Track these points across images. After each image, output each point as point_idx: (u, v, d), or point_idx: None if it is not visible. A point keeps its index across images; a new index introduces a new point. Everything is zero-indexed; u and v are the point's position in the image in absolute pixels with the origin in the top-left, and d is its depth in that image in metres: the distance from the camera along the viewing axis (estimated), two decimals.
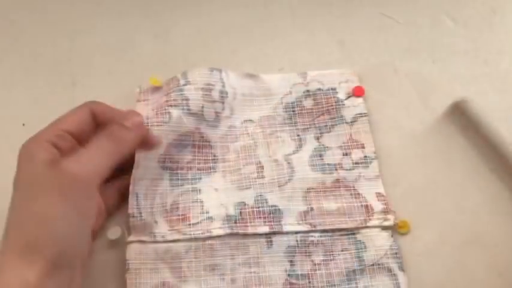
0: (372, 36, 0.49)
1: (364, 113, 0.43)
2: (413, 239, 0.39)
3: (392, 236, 0.38)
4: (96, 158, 0.33)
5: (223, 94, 0.42)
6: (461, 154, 0.43)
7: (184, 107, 0.40)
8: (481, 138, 0.42)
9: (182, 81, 0.41)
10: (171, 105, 0.40)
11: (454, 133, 0.44)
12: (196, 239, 0.37)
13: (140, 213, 0.38)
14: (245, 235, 0.38)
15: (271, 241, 0.38)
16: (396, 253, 0.38)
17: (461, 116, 0.43)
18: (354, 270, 0.37)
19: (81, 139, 0.35)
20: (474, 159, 0.42)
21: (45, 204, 0.31)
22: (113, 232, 0.38)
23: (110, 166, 0.34)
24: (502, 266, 0.38)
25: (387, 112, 0.45)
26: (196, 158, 0.41)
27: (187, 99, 0.40)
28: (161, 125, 0.39)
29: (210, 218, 0.38)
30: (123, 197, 0.39)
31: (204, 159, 0.41)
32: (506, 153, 0.40)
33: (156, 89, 0.42)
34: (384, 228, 0.39)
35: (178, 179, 0.40)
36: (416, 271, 0.38)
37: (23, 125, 0.43)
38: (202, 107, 0.41)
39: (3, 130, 0.43)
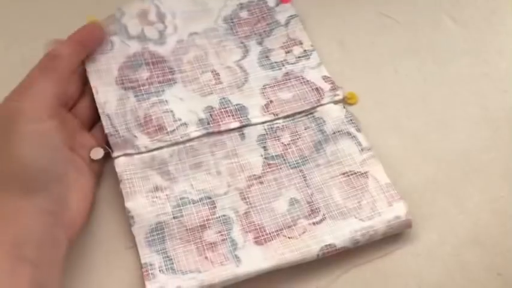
0: (372, 36, 0.49)
1: (295, 15, 0.48)
2: (413, 239, 0.39)
3: (344, 107, 0.44)
4: (32, 88, 0.36)
5: (160, 16, 0.46)
6: (461, 153, 0.43)
7: (124, 34, 0.44)
8: None
9: (118, 14, 0.45)
10: (110, 35, 0.44)
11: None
12: (177, 143, 0.41)
13: (117, 130, 0.41)
14: (219, 132, 0.42)
15: (243, 134, 0.42)
16: (351, 119, 0.43)
17: None
18: (319, 141, 0.42)
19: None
20: (474, 158, 0.43)
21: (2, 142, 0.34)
22: (95, 153, 0.40)
23: (52, 88, 0.37)
24: (501, 265, 0.38)
25: (387, 112, 0.45)
26: (154, 73, 0.44)
27: (125, 26, 0.45)
28: (106, 53, 0.43)
29: (184, 124, 0.42)
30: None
31: (162, 73, 0.44)
32: None
33: None
34: (336, 102, 0.44)
35: (142, 94, 0.43)
36: (416, 271, 0.38)
37: None
38: (142, 29, 0.45)
39: None
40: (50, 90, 0.37)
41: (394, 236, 0.39)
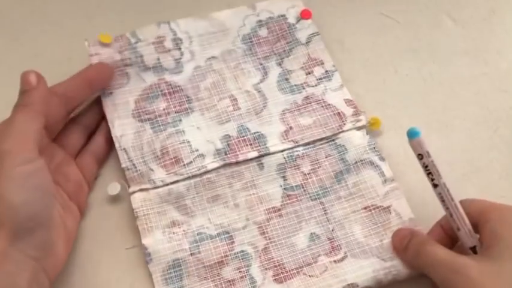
0: (372, 36, 0.49)
1: (316, 32, 0.46)
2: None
3: (367, 133, 0.42)
4: (15, 128, 0.34)
5: (177, 41, 0.45)
6: (461, 153, 0.43)
7: (140, 64, 0.43)
8: None
9: (133, 40, 0.44)
10: (126, 65, 0.43)
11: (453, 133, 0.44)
12: (194, 176, 0.40)
13: (134, 165, 0.40)
14: (237, 163, 0.40)
15: (261, 163, 0.41)
16: (374, 147, 0.41)
17: None
18: (341, 171, 0.41)
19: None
20: (474, 158, 0.43)
21: None
22: (112, 188, 0.39)
23: (33, 126, 0.34)
24: None
25: (387, 112, 0.45)
26: (171, 103, 0.43)
27: (141, 56, 0.44)
28: (122, 87, 0.42)
29: (201, 155, 0.40)
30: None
31: (179, 102, 0.43)
32: None
33: (106, 44, 0.44)
34: (358, 128, 0.42)
35: (159, 125, 0.41)
36: None
37: None
38: (158, 58, 0.44)
39: None
40: (32, 126, 0.34)
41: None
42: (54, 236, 0.34)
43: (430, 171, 0.35)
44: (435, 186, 0.35)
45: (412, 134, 0.35)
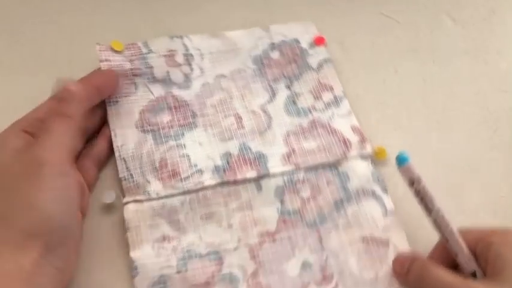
0: (372, 36, 0.49)
1: (328, 58, 0.46)
2: (414, 239, 0.39)
3: (372, 163, 0.41)
4: (55, 139, 0.34)
5: (188, 57, 0.45)
6: (461, 154, 0.43)
7: (149, 76, 0.43)
8: None
9: (144, 50, 0.44)
10: (135, 75, 0.42)
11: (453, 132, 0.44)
12: (189, 192, 0.39)
13: (131, 175, 0.39)
14: (235, 182, 0.39)
15: (260, 184, 0.40)
16: (378, 178, 0.40)
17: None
18: (341, 200, 0.39)
19: None
20: (474, 158, 0.43)
21: (25, 192, 0.32)
22: (108, 196, 0.39)
23: (71, 139, 0.35)
24: None
25: (387, 112, 0.45)
26: (175, 117, 0.42)
27: (151, 67, 0.43)
28: (129, 96, 0.42)
29: (200, 171, 0.40)
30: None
31: (183, 117, 0.42)
32: None
33: (117, 52, 0.43)
34: (363, 157, 0.41)
35: (161, 137, 0.41)
36: None
37: None
38: (168, 72, 0.43)
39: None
40: (69, 140, 0.35)
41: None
42: (74, 247, 0.34)
43: (422, 197, 0.33)
44: (429, 212, 0.34)
45: (401, 160, 0.33)
